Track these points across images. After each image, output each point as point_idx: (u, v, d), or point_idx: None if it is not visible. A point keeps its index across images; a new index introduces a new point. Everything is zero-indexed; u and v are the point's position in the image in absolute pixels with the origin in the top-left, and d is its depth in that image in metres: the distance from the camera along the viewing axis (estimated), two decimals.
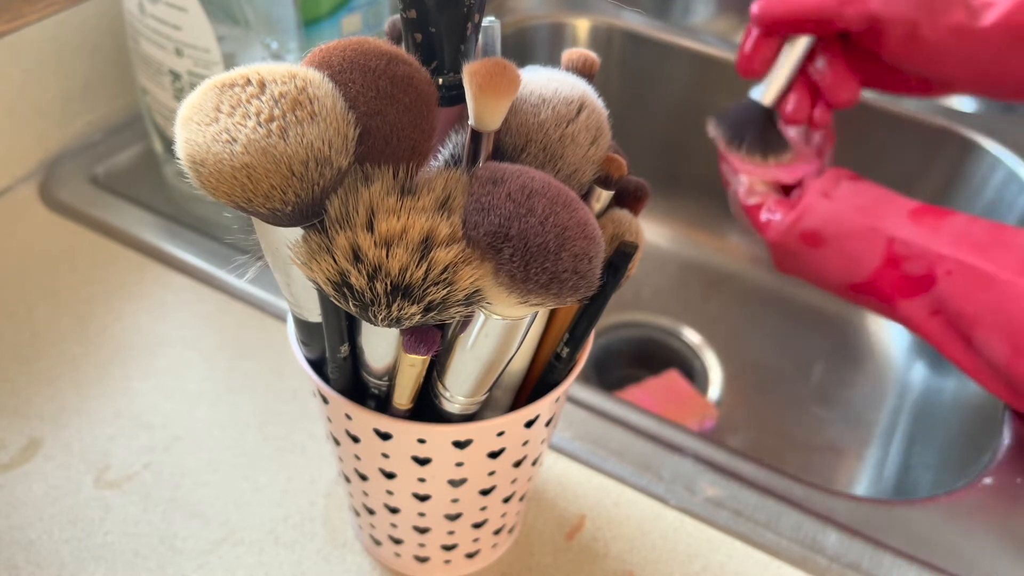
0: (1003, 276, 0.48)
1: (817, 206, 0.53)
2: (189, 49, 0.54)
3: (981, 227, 0.51)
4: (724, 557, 0.44)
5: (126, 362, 0.51)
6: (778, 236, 0.55)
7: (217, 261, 0.57)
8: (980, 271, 0.49)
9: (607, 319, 0.78)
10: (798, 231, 0.54)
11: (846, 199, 0.53)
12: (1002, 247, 0.49)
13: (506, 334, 0.30)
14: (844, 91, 0.55)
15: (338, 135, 0.26)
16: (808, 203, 0.54)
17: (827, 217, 0.53)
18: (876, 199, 0.53)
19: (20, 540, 0.43)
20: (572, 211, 0.27)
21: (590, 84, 0.32)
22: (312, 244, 0.26)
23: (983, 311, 0.49)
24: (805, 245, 0.54)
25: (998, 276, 0.48)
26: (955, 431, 0.60)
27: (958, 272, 0.49)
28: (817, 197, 0.54)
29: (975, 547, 0.45)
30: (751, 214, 0.57)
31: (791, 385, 0.74)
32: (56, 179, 0.62)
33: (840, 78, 0.55)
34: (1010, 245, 0.49)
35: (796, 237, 0.54)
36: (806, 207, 0.54)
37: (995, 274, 0.48)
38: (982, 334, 0.49)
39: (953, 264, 0.50)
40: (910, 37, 0.51)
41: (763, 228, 0.56)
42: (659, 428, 0.50)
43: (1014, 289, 0.48)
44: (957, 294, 0.50)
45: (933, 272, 0.50)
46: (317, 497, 0.46)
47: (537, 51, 0.83)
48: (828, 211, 0.53)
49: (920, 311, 0.52)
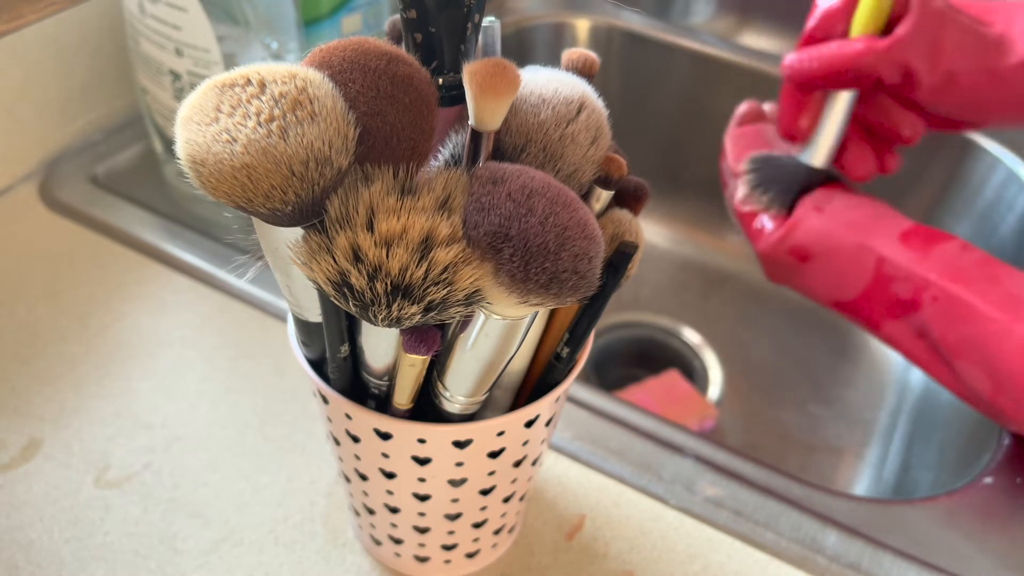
0: (986, 311, 0.47)
1: (808, 221, 0.53)
2: (189, 49, 0.54)
3: (973, 258, 0.50)
4: (724, 557, 0.44)
5: (126, 362, 0.51)
6: (767, 248, 0.54)
7: (217, 261, 0.57)
8: (964, 302, 0.48)
9: (607, 319, 0.78)
10: (788, 245, 0.53)
11: (838, 215, 0.52)
12: (990, 282, 0.48)
13: (506, 334, 0.30)
14: (909, 127, 0.53)
15: (338, 135, 0.26)
16: (799, 217, 0.53)
17: (817, 233, 0.52)
18: (869, 216, 0.52)
19: (20, 540, 0.43)
20: (572, 211, 0.27)
21: (590, 84, 0.32)
22: (312, 244, 0.26)
23: (965, 343, 0.49)
24: (794, 259, 0.53)
25: (981, 310, 0.47)
26: (955, 431, 0.60)
27: (943, 300, 0.49)
28: (808, 211, 0.53)
29: (975, 547, 0.45)
30: (744, 222, 0.56)
31: (791, 385, 0.74)
32: (56, 179, 0.62)
33: (901, 117, 0.53)
34: (999, 280, 0.48)
35: (785, 251, 0.54)
36: (796, 221, 0.53)
37: (978, 307, 0.47)
38: (964, 365, 0.49)
39: (938, 291, 0.49)
40: (947, 83, 0.50)
41: (754, 237, 0.55)
42: (659, 428, 0.50)
43: (995, 325, 0.47)
44: (940, 322, 0.49)
45: (919, 296, 0.50)
46: (317, 497, 0.46)
47: (537, 51, 0.83)
48: (819, 227, 0.52)
49: (905, 333, 0.51)
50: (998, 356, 0.47)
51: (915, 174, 0.73)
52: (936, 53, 0.49)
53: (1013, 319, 0.47)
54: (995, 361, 0.47)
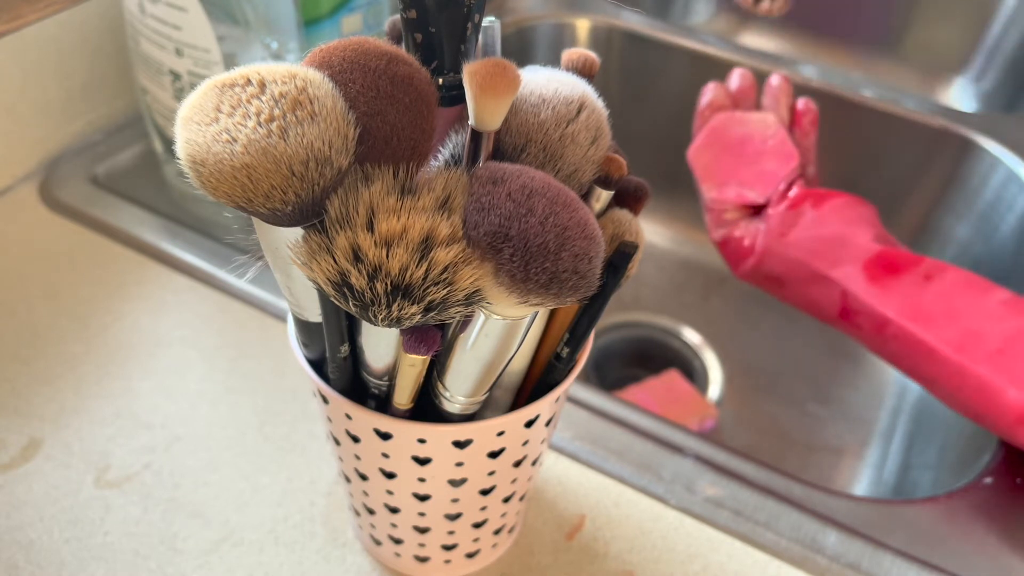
0: (943, 352, 0.47)
1: (774, 250, 0.53)
2: (189, 49, 0.54)
3: (936, 290, 0.49)
4: (724, 557, 0.44)
5: (126, 362, 0.51)
6: (745, 275, 0.54)
7: (217, 261, 0.57)
8: (921, 342, 0.48)
9: (607, 319, 0.78)
10: (762, 273, 0.54)
11: (803, 243, 0.52)
12: (949, 318, 0.48)
13: (506, 334, 0.30)
14: None
15: (338, 135, 0.26)
16: (765, 247, 0.53)
17: (785, 263, 0.53)
18: (834, 241, 0.52)
19: (20, 540, 0.43)
20: (572, 211, 0.27)
21: (590, 84, 0.32)
22: (312, 244, 0.26)
23: (927, 380, 0.49)
24: (771, 284, 0.54)
25: (938, 352, 0.48)
26: (955, 431, 0.60)
27: (902, 339, 0.49)
28: (775, 239, 0.53)
29: (975, 547, 0.45)
30: (720, 248, 0.57)
31: (791, 385, 0.74)
32: (56, 179, 0.62)
33: None
34: (958, 316, 0.48)
35: (762, 277, 0.54)
36: (764, 252, 0.53)
37: (936, 348, 0.48)
38: (937, 395, 0.49)
39: (897, 329, 0.49)
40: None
41: (732, 265, 0.56)
42: (659, 428, 0.50)
43: (951, 367, 0.47)
44: (904, 358, 0.50)
45: (883, 331, 0.50)
46: (317, 497, 0.46)
47: (537, 51, 0.83)
48: (785, 257, 0.53)
49: (884, 356, 0.52)
50: (959, 395, 0.48)
51: (915, 174, 0.73)
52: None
53: (969, 360, 0.47)
54: (958, 398, 0.48)
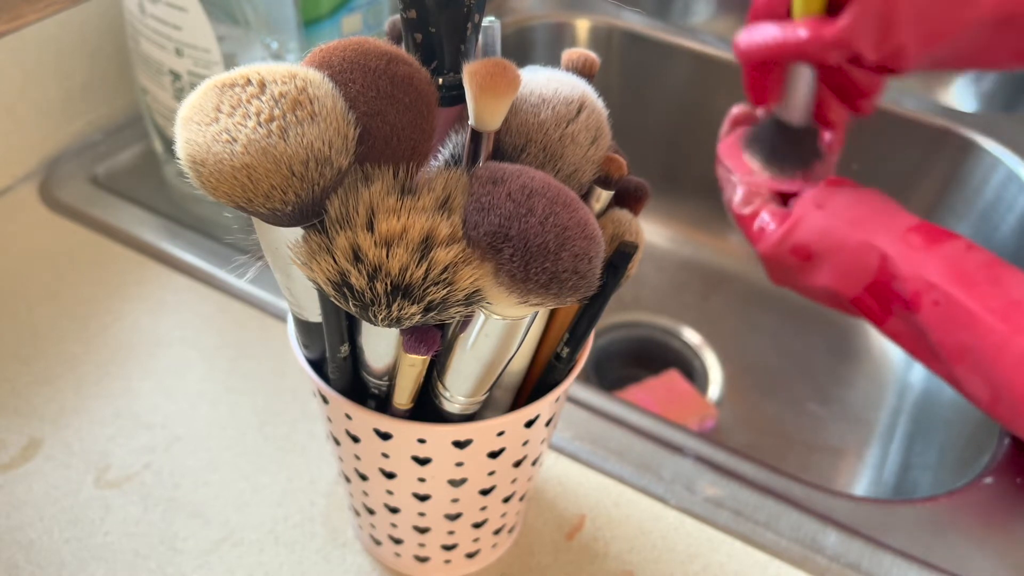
0: (986, 319, 0.46)
1: (809, 218, 0.52)
2: (189, 49, 0.54)
3: (978, 259, 0.48)
4: (724, 557, 0.44)
5: (126, 362, 0.51)
6: (769, 249, 0.53)
7: (217, 261, 0.57)
8: (965, 308, 0.47)
9: (607, 319, 0.78)
10: (789, 244, 0.52)
11: (840, 211, 0.52)
12: (993, 285, 0.47)
13: (506, 334, 0.30)
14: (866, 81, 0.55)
15: (338, 135, 0.26)
16: (800, 215, 0.52)
17: (819, 230, 0.52)
18: (872, 211, 0.52)
19: (20, 540, 0.43)
20: (572, 211, 0.27)
21: (590, 84, 0.32)
22: (312, 244, 0.26)
23: (963, 349, 0.48)
24: (796, 259, 0.53)
25: (981, 318, 0.46)
26: (955, 431, 0.60)
27: (943, 304, 0.48)
28: (810, 208, 0.52)
29: (975, 547, 0.45)
30: (744, 224, 0.56)
31: (791, 385, 0.74)
32: (56, 179, 0.62)
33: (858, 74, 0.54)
34: (1002, 284, 0.47)
35: (787, 250, 0.53)
36: (798, 219, 0.52)
37: (979, 315, 0.46)
38: (962, 370, 0.48)
39: (940, 295, 0.48)
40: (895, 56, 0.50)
41: (755, 239, 0.55)
42: (659, 428, 0.50)
43: (994, 335, 0.46)
44: (939, 326, 0.48)
45: (920, 299, 0.49)
46: (317, 497, 0.46)
47: (537, 51, 0.83)
48: (820, 224, 0.52)
49: (906, 332, 0.51)
50: (996, 366, 0.46)
51: (915, 174, 0.73)
52: (885, 31, 0.49)
53: (1013, 329, 0.46)
54: (993, 370, 0.47)
